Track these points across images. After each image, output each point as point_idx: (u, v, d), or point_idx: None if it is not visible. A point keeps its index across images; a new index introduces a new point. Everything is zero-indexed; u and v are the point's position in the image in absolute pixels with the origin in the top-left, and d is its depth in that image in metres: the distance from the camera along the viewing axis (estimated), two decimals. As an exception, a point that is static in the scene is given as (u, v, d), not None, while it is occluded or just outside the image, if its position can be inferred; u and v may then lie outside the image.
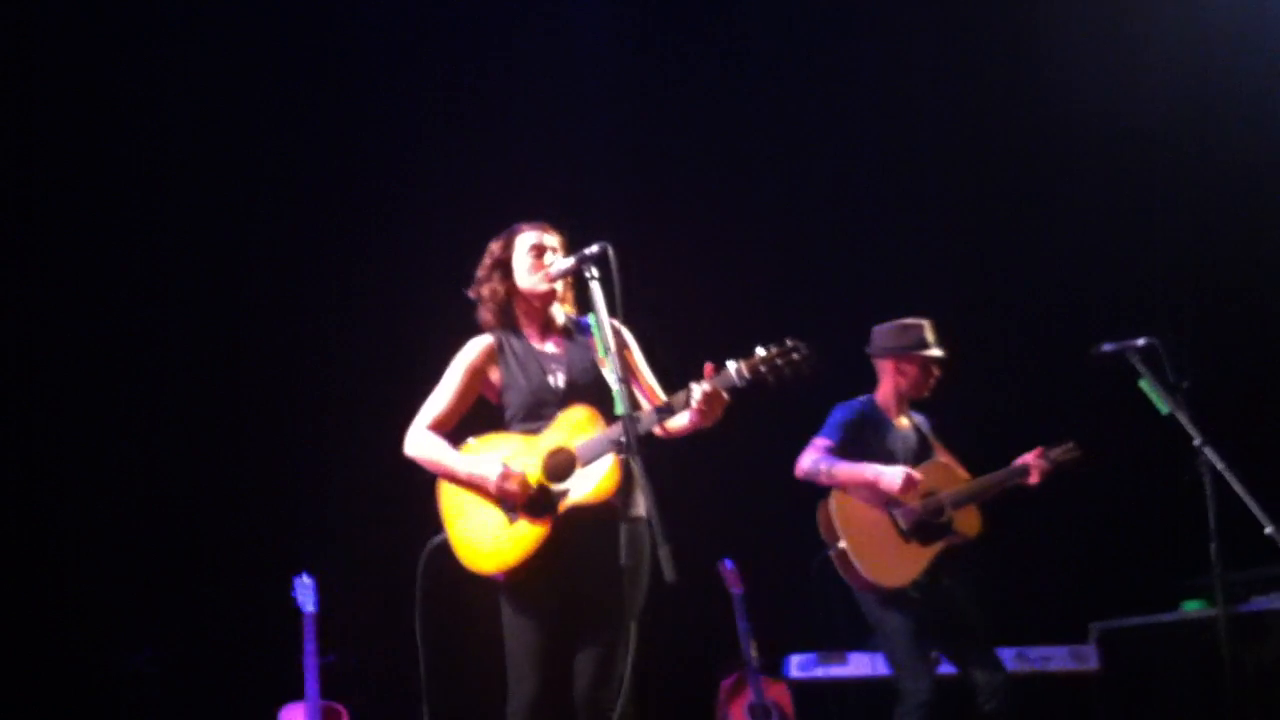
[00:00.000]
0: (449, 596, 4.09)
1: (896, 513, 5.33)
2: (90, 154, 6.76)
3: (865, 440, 5.45)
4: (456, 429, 4.01)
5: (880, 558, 5.28)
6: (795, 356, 3.69)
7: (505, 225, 4.13)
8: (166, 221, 6.92)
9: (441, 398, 4.05)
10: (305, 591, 6.20)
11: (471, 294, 4.13)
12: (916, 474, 5.29)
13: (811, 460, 5.40)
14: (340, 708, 6.10)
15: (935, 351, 5.46)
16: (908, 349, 5.46)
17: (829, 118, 7.77)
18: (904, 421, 5.55)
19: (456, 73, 7.42)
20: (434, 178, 7.22)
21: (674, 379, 3.94)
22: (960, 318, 7.08)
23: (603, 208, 6.77)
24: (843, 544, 5.31)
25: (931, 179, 7.75)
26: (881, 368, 5.55)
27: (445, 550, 3.94)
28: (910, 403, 5.57)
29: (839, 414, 5.52)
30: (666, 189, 7.54)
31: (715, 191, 7.66)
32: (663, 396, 4.00)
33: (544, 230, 4.09)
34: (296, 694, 6.05)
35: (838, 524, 5.34)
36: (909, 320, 5.49)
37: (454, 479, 3.93)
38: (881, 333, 5.55)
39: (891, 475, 5.28)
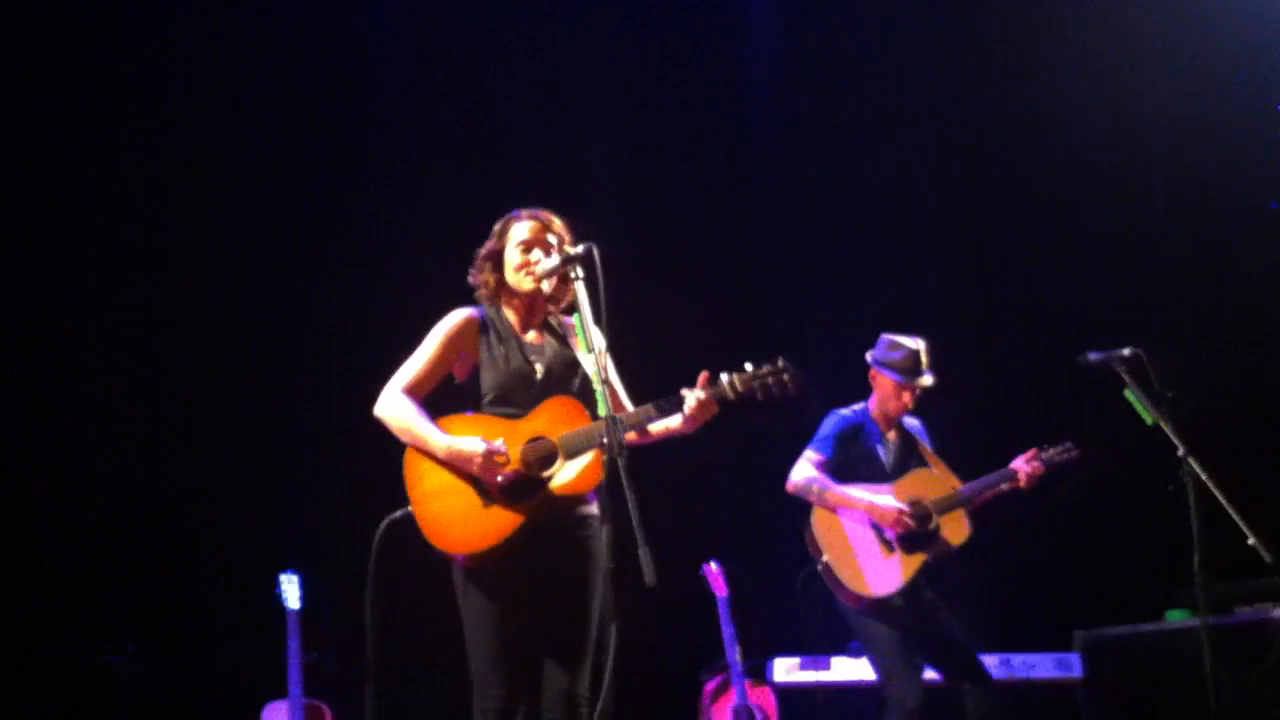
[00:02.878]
0: (408, 574, 4.05)
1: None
2: (75, 124, 6.74)
3: (856, 450, 5.47)
4: (425, 402, 3.94)
5: (864, 569, 5.30)
6: (785, 378, 3.80)
7: (496, 206, 4.12)
8: (155, 213, 6.90)
9: (417, 363, 3.99)
10: (290, 589, 6.19)
11: (470, 279, 4.12)
12: (907, 509, 5.30)
13: (804, 478, 5.43)
14: (323, 706, 6.09)
15: (921, 380, 5.44)
16: (891, 369, 5.47)
17: (827, 125, 7.78)
18: (893, 432, 5.56)
19: (456, 63, 7.42)
20: (425, 169, 7.22)
21: (654, 384, 3.95)
22: (950, 325, 7.13)
23: (596, 208, 6.76)
24: (826, 558, 5.34)
25: (927, 184, 7.76)
26: (872, 377, 5.56)
27: (406, 525, 3.86)
28: (896, 415, 5.57)
29: (830, 425, 5.53)
30: (661, 190, 7.54)
31: (711, 197, 7.66)
32: (628, 404, 4.01)
33: (539, 221, 4.04)
34: (280, 692, 6.04)
35: (820, 539, 5.37)
36: (905, 339, 5.48)
37: (428, 451, 3.85)
38: (880, 343, 5.56)
39: (883, 510, 5.31)
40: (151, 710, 6.31)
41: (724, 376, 3.79)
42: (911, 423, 5.62)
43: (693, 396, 3.75)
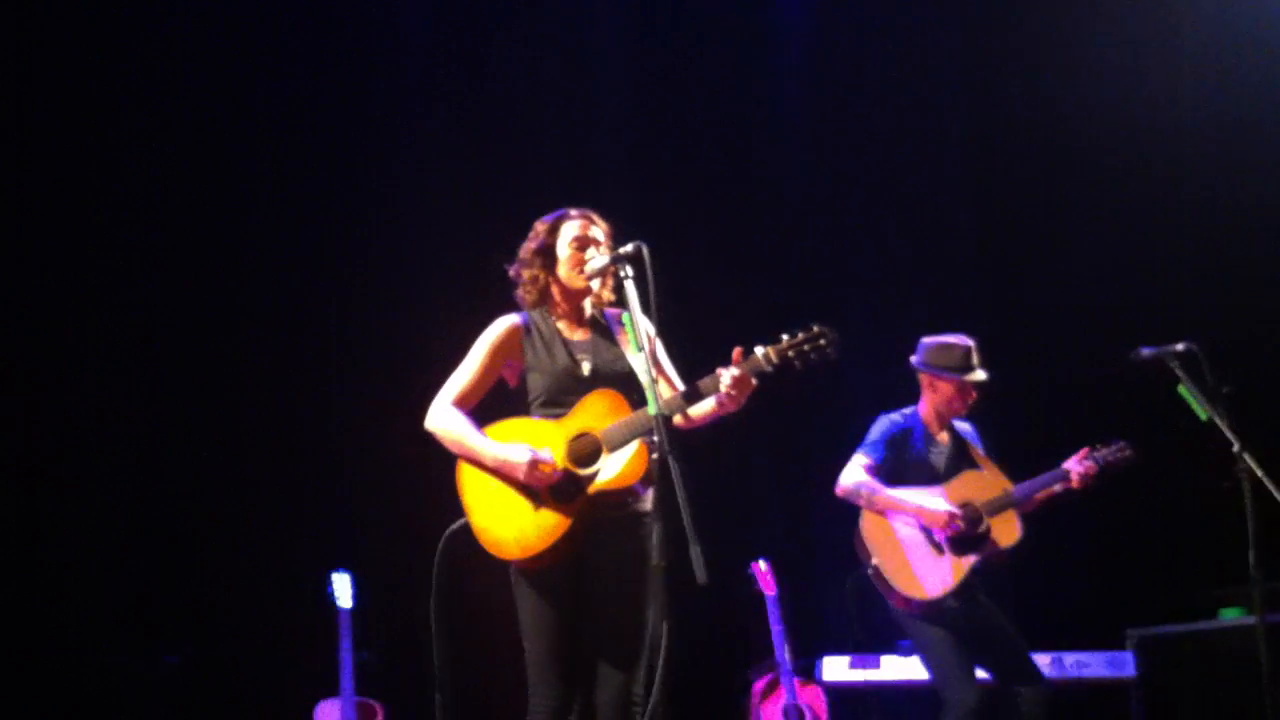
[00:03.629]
0: (467, 583, 4.09)
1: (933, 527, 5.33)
2: (71, 108, 6.79)
3: (907, 455, 5.45)
4: (475, 410, 3.98)
5: (915, 572, 5.28)
6: (821, 342, 3.75)
7: (523, 213, 4.13)
8: (181, 203, 6.93)
9: (465, 374, 4.02)
10: (342, 587, 6.23)
11: (512, 273, 4.13)
12: (958, 511, 5.28)
13: (854, 482, 5.40)
14: (375, 704, 6.13)
15: (976, 376, 5.41)
16: (945, 369, 5.43)
17: (856, 117, 7.74)
18: (945, 434, 5.53)
19: (467, 50, 7.41)
20: (453, 165, 7.23)
21: (696, 368, 3.95)
22: (998, 322, 7.08)
23: (626, 194, 6.78)
24: (875, 561, 5.33)
25: (964, 176, 7.71)
26: (922, 380, 5.53)
27: (464, 535, 3.90)
28: (952, 417, 5.54)
29: (880, 429, 5.50)
30: (690, 178, 7.52)
31: (739, 186, 7.64)
32: (680, 386, 4.00)
33: (589, 221, 4.07)
34: (332, 690, 6.08)
35: (870, 542, 5.36)
36: (953, 339, 5.45)
37: (478, 462, 3.89)
38: (924, 347, 5.51)
39: (933, 513, 5.29)
40: (205, 709, 6.38)
41: (759, 349, 3.75)
42: (963, 426, 5.59)
43: (727, 375, 3.73)
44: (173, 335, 6.84)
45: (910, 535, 5.34)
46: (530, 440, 3.84)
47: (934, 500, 5.33)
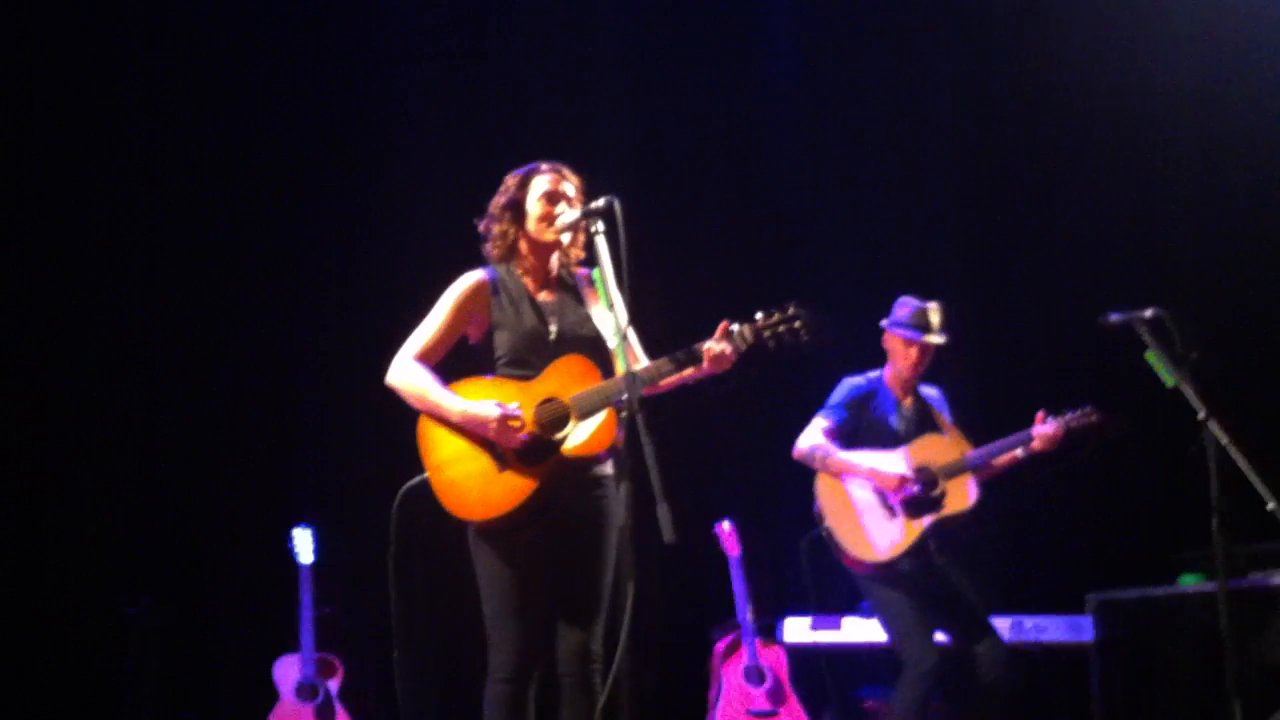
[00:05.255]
0: (428, 540, 4.06)
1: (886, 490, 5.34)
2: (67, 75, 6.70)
3: (868, 418, 5.47)
4: (437, 368, 3.93)
5: (867, 533, 5.32)
6: (796, 324, 3.74)
7: (504, 168, 4.08)
8: (161, 170, 6.85)
9: (429, 329, 3.97)
10: (303, 543, 6.19)
11: (481, 228, 4.08)
12: (910, 474, 5.29)
13: (810, 444, 5.43)
14: (336, 660, 6.11)
15: (932, 338, 5.40)
16: (902, 325, 5.43)
17: (844, 81, 7.69)
18: (909, 399, 5.53)
19: (461, 11, 7.32)
20: (434, 117, 7.15)
21: (668, 336, 3.92)
22: (967, 287, 7.09)
23: (610, 160, 6.72)
24: (828, 523, 5.37)
25: (944, 144, 7.68)
26: (887, 342, 5.52)
27: (423, 491, 3.86)
28: (919, 378, 5.54)
29: (842, 393, 5.52)
30: (675, 145, 7.47)
31: (724, 151, 7.59)
32: (643, 358, 3.97)
33: (560, 175, 4.02)
34: (292, 645, 6.06)
35: (823, 505, 5.40)
36: (918, 301, 5.45)
37: (442, 417, 3.84)
38: (894, 307, 5.52)
39: (886, 475, 5.30)
40: (166, 662, 6.33)
41: (734, 327, 3.75)
42: (930, 392, 5.59)
43: (716, 347, 3.73)
44: (132, 294, 6.75)
45: (864, 497, 5.36)
46: (497, 399, 3.80)
47: (890, 463, 5.34)
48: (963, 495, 5.32)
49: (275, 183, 6.92)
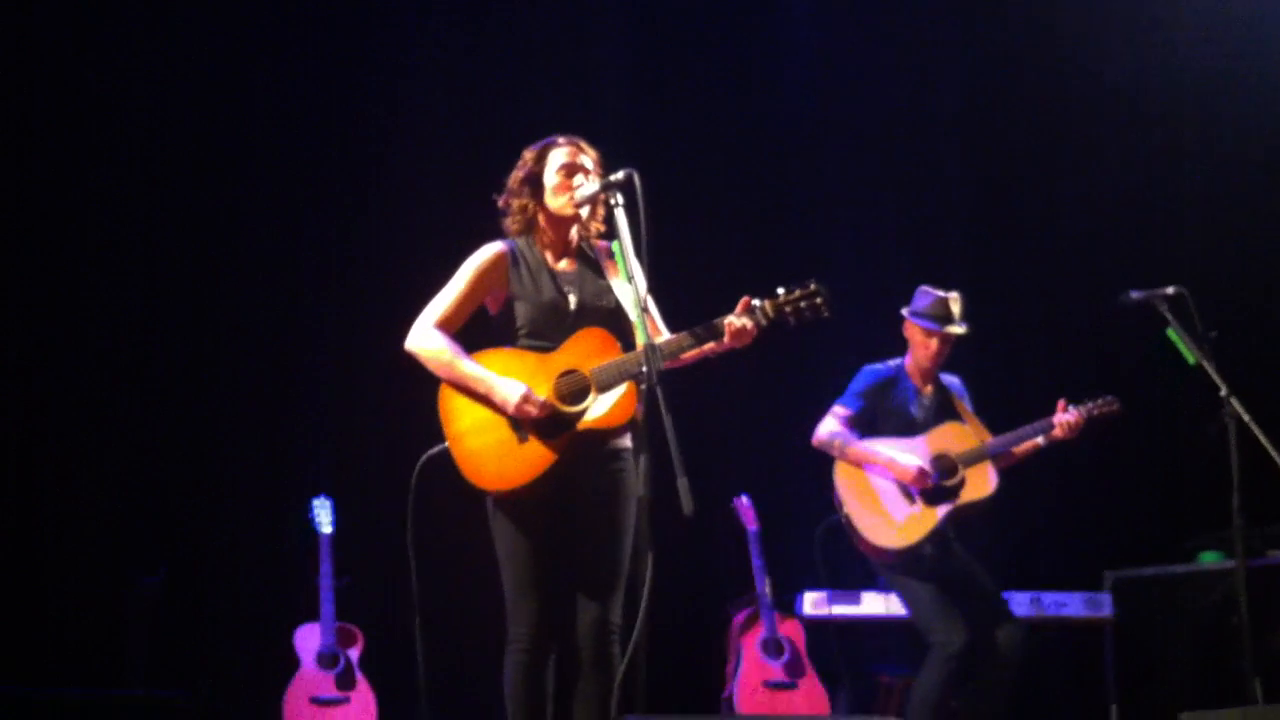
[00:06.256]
0: (449, 509, 4.08)
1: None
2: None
3: (888, 405, 5.48)
4: (456, 337, 3.94)
5: (886, 521, 5.35)
6: (817, 300, 3.77)
7: (515, 141, 4.09)
8: (167, 142, 6.83)
9: (448, 298, 3.98)
10: (322, 512, 6.22)
11: (500, 202, 4.09)
12: (928, 466, 5.30)
13: (828, 433, 5.47)
14: (355, 629, 6.14)
15: (953, 329, 5.41)
16: (923, 316, 5.44)
17: (858, 61, 7.65)
18: (929, 387, 5.54)
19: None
20: (447, 87, 7.11)
21: (686, 310, 3.92)
22: (983, 267, 7.07)
23: (626, 135, 6.70)
24: (846, 510, 5.40)
25: (958, 122, 7.65)
26: (908, 330, 5.53)
27: (443, 460, 3.88)
28: (939, 368, 5.54)
29: (861, 381, 5.55)
30: (692, 122, 7.44)
31: (742, 128, 7.56)
32: (664, 331, 3.98)
33: (578, 148, 4.03)
34: (312, 615, 6.09)
35: (842, 492, 5.43)
36: (938, 291, 5.46)
37: (464, 388, 3.87)
38: (915, 296, 5.53)
39: (904, 466, 5.31)
40: (184, 631, 6.37)
41: (756, 302, 3.77)
42: (950, 380, 5.60)
43: (738, 322, 3.75)
44: (148, 261, 6.74)
45: (883, 485, 5.39)
46: (516, 371, 3.82)
47: (908, 453, 5.36)
48: (982, 482, 5.33)
49: (290, 154, 6.89)
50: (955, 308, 5.43)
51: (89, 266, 6.63)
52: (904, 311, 5.53)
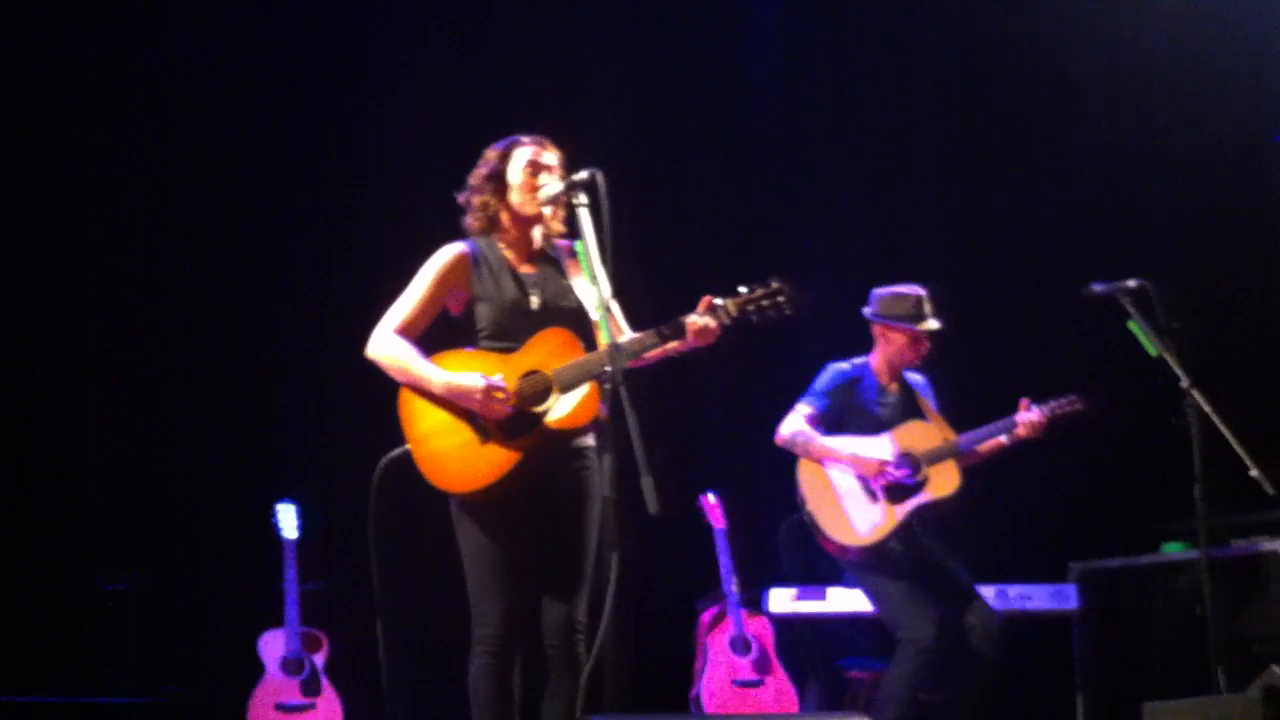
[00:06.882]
0: (412, 512, 4.05)
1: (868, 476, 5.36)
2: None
3: (852, 404, 5.49)
4: (419, 340, 3.93)
5: (847, 519, 5.35)
6: (780, 299, 3.76)
7: (484, 141, 4.06)
8: (152, 144, 6.80)
9: (409, 302, 3.96)
10: (286, 517, 6.18)
11: (461, 200, 4.06)
12: (891, 462, 5.31)
13: (791, 431, 5.46)
14: (321, 634, 6.11)
15: (928, 324, 5.42)
16: (897, 319, 5.43)
17: (828, 55, 7.66)
18: (895, 385, 5.54)
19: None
20: (419, 87, 7.09)
21: (650, 309, 3.91)
22: (953, 263, 7.09)
23: (593, 134, 6.68)
24: (810, 508, 5.41)
25: (926, 118, 7.66)
26: (875, 331, 5.53)
27: (404, 463, 3.86)
28: (913, 365, 5.55)
29: (825, 379, 5.54)
30: (660, 120, 7.43)
31: (708, 125, 7.55)
32: (627, 330, 3.97)
33: (542, 147, 4.01)
34: (277, 621, 6.05)
35: (805, 490, 5.43)
36: (905, 289, 5.46)
37: (424, 390, 3.83)
38: (876, 298, 5.52)
39: (866, 462, 5.32)
40: (150, 637, 6.32)
41: (718, 301, 3.76)
42: (915, 378, 5.61)
43: (700, 321, 3.74)
44: (112, 270, 6.70)
45: (845, 482, 5.40)
46: (480, 372, 3.79)
47: (873, 448, 5.36)
48: (946, 480, 5.34)
49: (254, 160, 6.86)
50: (927, 305, 5.43)
51: (51, 275, 6.59)
52: (867, 314, 5.51)
